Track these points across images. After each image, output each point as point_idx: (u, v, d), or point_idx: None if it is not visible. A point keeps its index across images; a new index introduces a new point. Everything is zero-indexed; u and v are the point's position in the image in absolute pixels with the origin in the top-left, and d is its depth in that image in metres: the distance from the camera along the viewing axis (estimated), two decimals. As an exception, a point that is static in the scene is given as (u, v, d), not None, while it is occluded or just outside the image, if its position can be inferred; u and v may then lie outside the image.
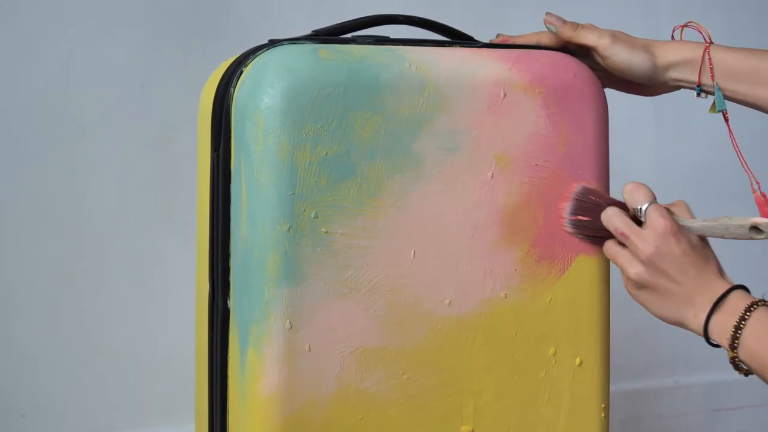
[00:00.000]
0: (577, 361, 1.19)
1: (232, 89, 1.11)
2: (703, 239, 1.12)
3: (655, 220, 1.10)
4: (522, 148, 1.16)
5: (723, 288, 1.10)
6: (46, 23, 1.66)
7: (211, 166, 1.14)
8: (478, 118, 1.14)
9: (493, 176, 1.15)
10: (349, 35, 1.17)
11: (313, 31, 1.18)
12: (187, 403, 1.39)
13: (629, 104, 1.30)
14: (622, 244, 1.13)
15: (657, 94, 1.27)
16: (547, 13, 1.23)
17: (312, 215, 1.08)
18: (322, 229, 1.09)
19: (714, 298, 1.09)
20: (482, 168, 1.15)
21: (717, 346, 1.10)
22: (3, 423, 1.68)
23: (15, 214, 1.67)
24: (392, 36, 1.16)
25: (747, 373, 1.10)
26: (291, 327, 1.08)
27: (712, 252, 1.13)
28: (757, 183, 1.23)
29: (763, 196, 1.23)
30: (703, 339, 1.11)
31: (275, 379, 1.08)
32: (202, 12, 1.74)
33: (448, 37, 1.23)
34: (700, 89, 1.22)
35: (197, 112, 1.22)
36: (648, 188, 1.13)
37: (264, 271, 1.08)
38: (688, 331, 1.13)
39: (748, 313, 1.08)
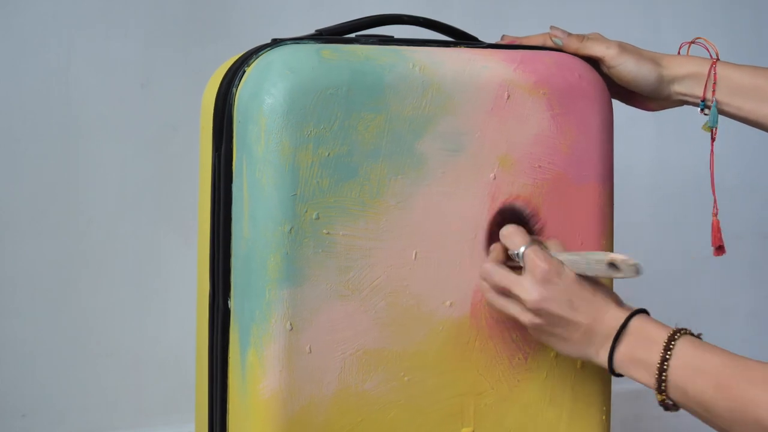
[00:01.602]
0: (579, 363, 1.19)
1: (234, 89, 1.11)
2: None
3: (533, 265, 1.08)
4: (526, 150, 1.16)
5: (620, 317, 1.07)
6: (46, 23, 1.66)
7: (213, 166, 1.14)
8: (482, 119, 1.14)
9: (496, 177, 1.15)
10: (353, 35, 1.17)
11: (316, 31, 1.17)
12: (187, 403, 1.39)
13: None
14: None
15: (660, 108, 1.27)
16: (552, 27, 1.23)
17: (314, 216, 1.08)
18: (324, 230, 1.08)
19: (613, 331, 1.07)
20: (485, 169, 1.14)
21: (621, 376, 1.08)
22: (3, 423, 1.68)
23: (15, 214, 1.67)
24: (396, 36, 1.16)
25: (675, 408, 1.07)
26: (292, 328, 1.08)
27: (603, 283, 1.11)
28: (716, 209, 1.24)
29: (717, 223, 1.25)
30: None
31: (276, 381, 1.08)
32: (202, 12, 1.74)
33: (452, 38, 1.23)
34: (705, 104, 1.22)
35: (198, 112, 1.22)
36: (522, 231, 1.12)
37: (265, 272, 1.07)
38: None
39: (669, 352, 1.04)
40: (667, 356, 1.04)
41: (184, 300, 1.66)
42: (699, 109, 1.23)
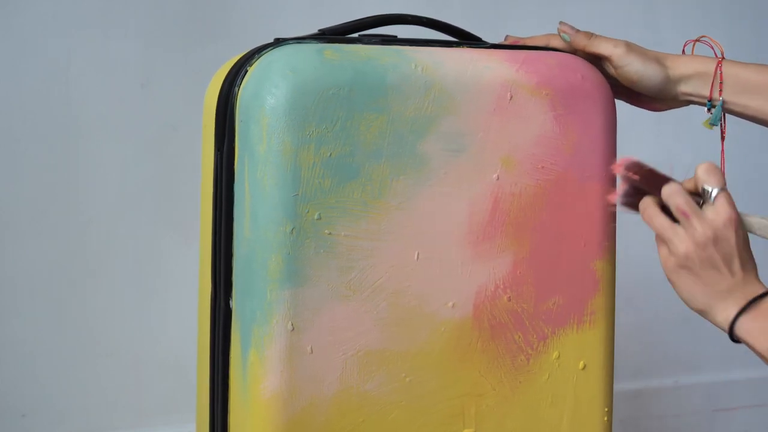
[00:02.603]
0: (581, 364, 1.19)
1: (236, 88, 1.11)
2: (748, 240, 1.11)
3: (722, 207, 1.07)
4: (528, 151, 1.15)
5: (761, 289, 1.08)
6: (46, 23, 1.66)
7: (215, 165, 1.14)
8: (485, 119, 1.14)
9: (498, 178, 1.15)
10: (356, 35, 1.17)
11: (319, 30, 1.17)
12: (188, 403, 1.39)
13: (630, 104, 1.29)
14: (673, 220, 1.10)
15: (665, 109, 1.26)
16: (561, 22, 1.22)
17: (315, 216, 1.08)
18: (326, 231, 1.08)
19: (749, 297, 1.07)
20: (488, 170, 1.14)
21: (738, 342, 1.09)
22: (3, 423, 1.68)
23: (15, 214, 1.67)
24: (400, 36, 1.16)
25: None
26: (293, 328, 1.08)
27: (754, 260, 1.11)
28: None
29: None
30: (724, 335, 1.09)
31: (276, 381, 1.08)
32: (202, 12, 1.74)
33: (455, 38, 1.23)
34: (711, 104, 1.21)
35: (198, 111, 1.22)
36: (721, 173, 1.11)
37: (266, 272, 1.07)
38: (688, 331, 1.13)
39: None
40: None
41: (184, 300, 1.66)
42: (706, 108, 1.22)
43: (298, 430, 1.09)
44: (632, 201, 1.13)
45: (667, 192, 1.10)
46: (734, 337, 1.08)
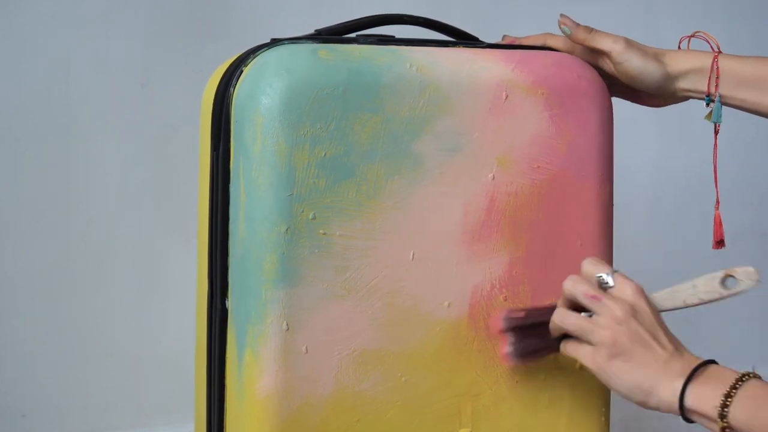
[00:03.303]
0: (578, 364, 1.19)
1: (232, 89, 1.11)
2: None
3: (624, 283, 1.06)
4: (524, 150, 1.15)
5: (696, 360, 1.04)
6: (46, 23, 1.66)
7: (211, 165, 1.14)
8: (480, 119, 1.14)
9: (494, 178, 1.14)
10: (352, 35, 1.17)
11: (315, 31, 1.17)
12: (187, 403, 1.39)
13: (630, 104, 1.29)
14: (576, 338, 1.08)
15: (663, 105, 1.26)
16: (562, 15, 1.22)
17: (310, 216, 1.08)
18: (320, 231, 1.08)
19: (690, 368, 1.03)
20: (483, 170, 1.14)
21: (689, 420, 1.04)
22: (3, 423, 1.68)
23: (15, 214, 1.67)
24: (397, 36, 1.16)
25: None
26: (288, 328, 1.08)
27: None
28: (718, 202, 1.24)
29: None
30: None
31: (272, 381, 1.08)
32: (202, 12, 1.74)
33: (452, 38, 1.23)
34: (710, 99, 1.21)
35: (198, 111, 1.22)
36: (605, 262, 1.09)
37: (261, 272, 1.07)
38: (688, 331, 1.12)
39: (739, 383, 1.01)
40: (738, 385, 1.01)
41: (183, 300, 1.66)
42: (705, 103, 1.22)
43: (293, 430, 1.09)
44: (526, 344, 1.13)
45: (568, 286, 1.08)
46: (685, 412, 1.03)
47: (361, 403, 1.11)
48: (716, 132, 1.24)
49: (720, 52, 1.21)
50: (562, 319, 1.08)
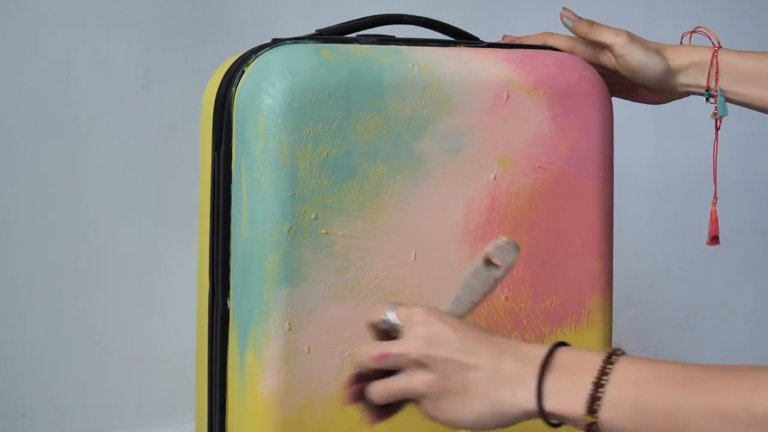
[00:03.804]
0: (578, 363, 1.19)
1: (233, 88, 1.11)
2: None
3: (408, 315, 0.90)
4: (525, 150, 1.15)
5: (541, 349, 0.86)
6: (46, 23, 1.66)
7: (212, 165, 1.14)
8: (482, 119, 1.14)
9: (495, 178, 1.15)
10: (353, 35, 1.17)
11: (317, 31, 1.17)
12: (187, 403, 1.39)
13: (629, 103, 1.29)
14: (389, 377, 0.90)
15: (662, 102, 1.27)
16: (564, 8, 1.22)
17: (312, 216, 1.08)
18: (322, 231, 1.08)
19: (536, 362, 0.85)
20: (485, 170, 1.14)
21: (557, 424, 0.86)
22: (3, 423, 1.68)
23: (15, 214, 1.67)
24: (397, 36, 1.16)
25: None
26: (290, 328, 1.08)
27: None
28: (716, 198, 1.24)
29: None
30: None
31: (274, 381, 1.08)
32: (202, 11, 1.74)
33: (453, 38, 1.23)
34: (709, 94, 1.21)
35: (198, 111, 1.22)
36: (380, 305, 0.92)
37: (263, 272, 1.07)
38: (688, 331, 1.12)
39: (607, 368, 0.83)
40: (607, 370, 0.82)
41: (184, 300, 1.66)
42: (704, 99, 1.22)
43: (295, 430, 1.09)
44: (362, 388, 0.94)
45: (357, 355, 0.91)
46: (548, 418, 0.85)
47: (363, 403, 1.11)
48: (717, 128, 1.24)
49: (720, 46, 1.21)
50: (378, 392, 0.92)
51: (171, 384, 1.75)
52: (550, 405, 0.83)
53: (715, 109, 1.22)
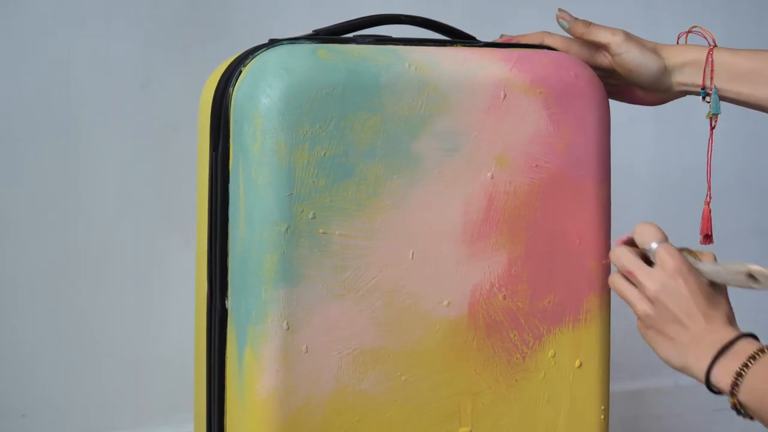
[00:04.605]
0: (577, 363, 1.19)
1: (231, 89, 1.11)
2: (716, 285, 1.08)
3: (665, 260, 1.06)
4: (522, 149, 1.16)
5: (730, 335, 1.04)
6: (46, 23, 1.66)
7: (210, 166, 1.14)
8: (479, 118, 1.14)
9: (493, 177, 1.15)
10: (350, 35, 1.17)
11: (314, 31, 1.17)
12: (187, 403, 1.39)
13: (628, 104, 1.29)
14: (631, 282, 1.09)
15: (661, 102, 1.26)
16: (560, 9, 1.22)
17: (310, 216, 1.08)
18: (320, 230, 1.08)
19: (720, 345, 1.03)
20: (482, 169, 1.14)
21: (719, 393, 1.05)
22: (3, 423, 1.68)
23: (15, 214, 1.67)
24: (394, 36, 1.16)
25: (750, 416, 1.03)
26: (288, 328, 1.08)
27: (725, 299, 1.08)
28: (710, 197, 1.24)
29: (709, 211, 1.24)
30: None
31: (272, 380, 1.08)
32: (202, 12, 1.74)
33: (450, 37, 1.23)
34: (705, 92, 1.21)
35: (197, 111, 1.22)
36: (658, 228, 1.09)
37: (261, 272, 1.07)
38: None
39: (752, 360, 1.02)
40: (745, 370, 1.01)
41: (183, 300, 1.66)
42: (701, 97, 1.22)
43: (294, 429, 1.09)
44: None
45: (614, 256, 1.09)
46: (713, 389, 1.05)
47: (362, 403, 1.11)
48: (712, 127, 1.24)
49: (715, 45, 1.22)
50: (612, 283, 1.10)
51: (171, 384, 1.75)
52: (712, 381, 1.03)
53: (710, 107, 1.22)
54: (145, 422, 1.76)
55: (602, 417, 1.21)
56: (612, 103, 1.22)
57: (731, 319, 1.07)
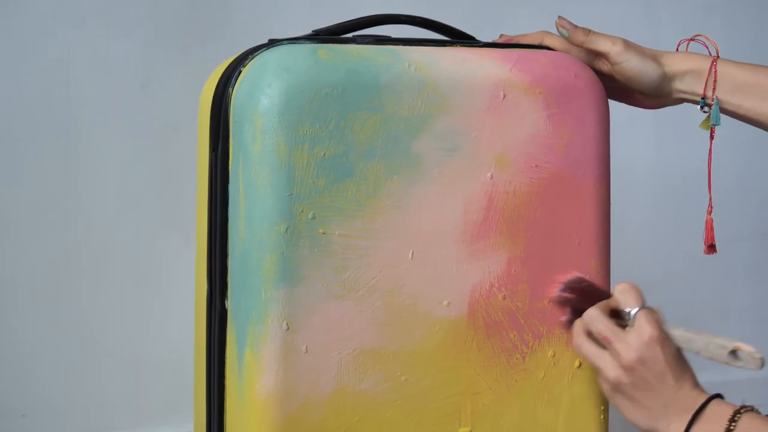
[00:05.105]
0: (577, 363, 1.19)
1: (230, 89, 1.11)
2: (680, 350, 1.09)
3: (643, 327, 1.06)
4: (522, 149, 1.16)
5: (701, 398, 1.06)
6: (46, 23, 1.66)
7: (210, 166, 1.14)
8: (478, 118, 1.14)
9: (492, 177, 1.15)
10: (350, 35, 1.17)
11: (313, 31, 1.17)
12: (186, 403, 1.39)
13: (628, 105, 1.29)
14: (601, 345, 1.08)
15: (658, 107, 1.26)
16: (560, 17, 1.22)
17: (309, 216, 1.08)
18: (320, 230, 1.08)
19: (693, 408, 1.05)
20: (482, 169, 1.14)
21: None
22: (3, 423, 1.68)
23: (15, 214, 1.67)
24: (394, 36, 1.16)
25: None
26: (288, 328, 1.08)
27: (688, 363, 1.09)
28: (711, 207, 1.24)
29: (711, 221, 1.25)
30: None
31: (272, 381, 1.08)
32: (202, 12, 1.74)
33: (449, 37, 1.23)
34: (705, 102, 1.21)
35: (197, 111, 1.22)
36: (639, 291, 1.09)
37: (261, 272, 1.07)
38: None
39: (733, 423, 1.03)
40: (733, 425, 1.03)
41: (183, 300, 1.66)
42: (699, 107, 1.23)
43: (294, 429, 1.09)
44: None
45: (588, 317, 1.09)
46: None
47: (362, 403, 1.11)
48: (711, 137, 1.24)
49: (719, 56, 1.22)
50: (578, 346, 1.10)
51: (171, 384, 1.75)
52: None
53: (708, 118, 1.22)
54: (145, 422, 1.76)
55: (602, 417, 1.21)
56: (612, 103, 1.22)
57: (696, 381, 1.08)
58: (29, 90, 1.67)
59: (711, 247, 1.25)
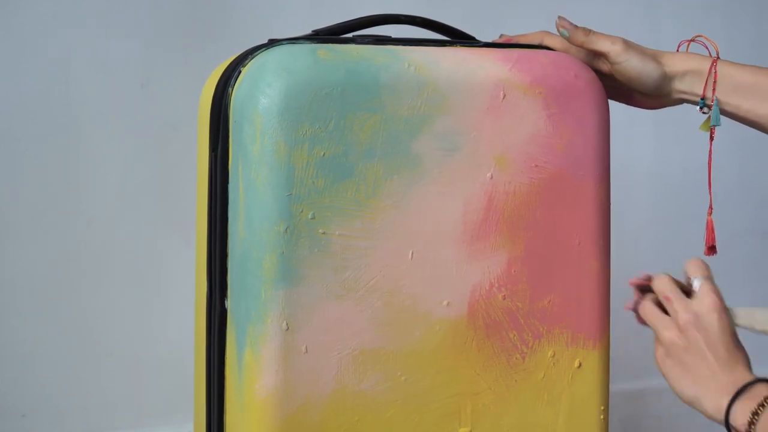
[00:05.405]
0: (576, 363, 1.19)
1: (230, 89, 1.11)
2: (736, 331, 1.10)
3: (706, 294, 1.08)
4: (522, 149, 1.16)
5: (749, 377, 1.06)
6: (46, 23, 1.66)
7: (210, 166, 1.14)
8: (478, 118, 1.14)
9: (492, 177, 1.15)
10: (349, 35, 1.17)
11: (313, 31, 1.17)
12: (186, 403, 1.39)
13: (627, 105, 1.29)
14: (663, 310, 1.10)
15: (658, 107, 1.26)
16: (560, 17, 1.22)
17: (309, 216, 1.08)
18: (320, 230, 1.08)
19: (740, 384, 1.05)
20: (482, 169, 1.14)
21: (730, 430, 1.06)
22: (3, 423, 1.68)
23: (15, 214, 1.67)
24: (393, 36, 1.16)
25: None
26: (288, 328, 1.08)
27: (743, 346, 1.09)
28: (711, 208, 1.24)
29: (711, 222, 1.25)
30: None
31: (272, 381, 1.08)
32: (202, 12, 1.74)
33: (449, 37, 1.23)
34: (704, 103, 1.21)
35: (197, 111, 1.22)
36: (708, 267, 1.11)
37: (261, 272, 1.07)
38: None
39: (767, 401, 1.04)
40: (761, 409, 1.03)
41: (183, 300, 1.66)
42: (698, 107, 1.23)
43: (293, 430, 1.09)
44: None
45: (656, 282, 1.11)
46: (730, 429, 1.06)
47: (361, 403, 1.11)
48: (711, 138, 1.24)
49: (719, 57, 1.22)
50: (644, 311, 1.11)
51: (171, 384, 1.75)
52: (731, 419, 1.04)
53: (708, 120, 1.22)
54: (145, 422, 1.76)
55: (602, 417, 1.21)
56: (612, 103, 1.22)
57: (748, 364, 1.09)
58: (29, 90, 1.67)
59: (712, 249, 1.25)
